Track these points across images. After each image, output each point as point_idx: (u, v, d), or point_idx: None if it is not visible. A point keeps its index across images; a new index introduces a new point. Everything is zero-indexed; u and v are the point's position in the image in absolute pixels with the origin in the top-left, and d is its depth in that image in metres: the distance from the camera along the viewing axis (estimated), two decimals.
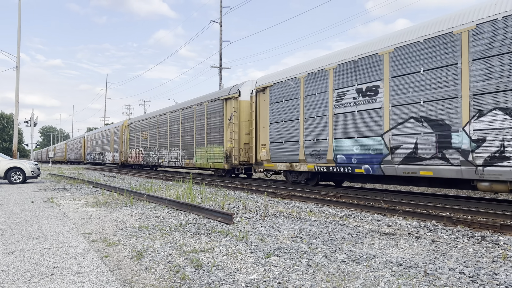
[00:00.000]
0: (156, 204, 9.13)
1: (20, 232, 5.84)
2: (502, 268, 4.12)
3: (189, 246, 4.98)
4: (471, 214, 7.66)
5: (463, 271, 3.93)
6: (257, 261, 4.30)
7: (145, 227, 6.16)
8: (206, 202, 9.24)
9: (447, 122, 8.59)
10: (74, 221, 6.81)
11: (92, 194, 11.55)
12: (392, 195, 10.59)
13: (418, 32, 9.32)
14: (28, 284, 3.50)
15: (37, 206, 8.72)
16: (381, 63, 10.05)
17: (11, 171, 16.39)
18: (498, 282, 3.60)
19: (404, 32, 9.70)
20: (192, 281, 3.60)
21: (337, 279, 3.71)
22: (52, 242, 5.16)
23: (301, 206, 9.01)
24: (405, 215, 7.61)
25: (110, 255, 4.54)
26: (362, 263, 4.25)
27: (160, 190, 12.26)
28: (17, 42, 24.07)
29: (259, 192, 11.95)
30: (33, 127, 36.48)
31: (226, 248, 4.83)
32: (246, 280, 3.64)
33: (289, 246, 4.94)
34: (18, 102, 24.57)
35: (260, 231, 5.93)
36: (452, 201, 9.15)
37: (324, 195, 10.85)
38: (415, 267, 4.08)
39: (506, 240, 5.44)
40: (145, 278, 3.71)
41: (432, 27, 9.02)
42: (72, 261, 4.24)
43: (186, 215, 7.51)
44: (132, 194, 10.66)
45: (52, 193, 11.80)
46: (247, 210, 8.14)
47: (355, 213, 7.89)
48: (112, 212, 7.91)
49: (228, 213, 6.69)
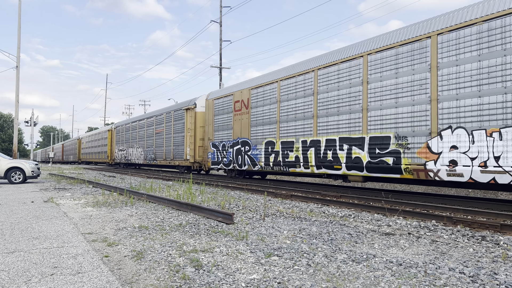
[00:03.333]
0: (156, 204, 9.13)
1: (20, 232, 5.84)
2: (502, 268, 4.12)
3: (189, 246, 4.98)
4: (471, 214, 7.66)
5: (463, 271, 3.93)
6: (257, 261, 4.30)
7: (145, 227, 6.16)
8: (206, 202, 9.24)
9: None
10: (74, 221, 6.81)
11: (92, 194, 11.55)
12: (392, 195, 10.59)
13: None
14: (28, 284, 3.50)
15: (37, 206, 8.72)
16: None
17: (11, 171, 16.39)
18: (498, 282, 3.60)
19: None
20: (192, 281, 3.60)
21: (337, 279, 3.71)
22: (52, 242, 5.16)
23: (301, 206, 9.01)
24: (405, 215, 7.61)
25: (110, 255, 4.54)
26: (362, 263, 4.25)
27: (160, 190, 12.27)
28: (17, 42, 24.09)
29: (259, 192, 11.95)
30: (33, 127, 36.47)
31: (226, 248, 4.83)
32: (246, 280, 3.64)
33: (289, 246, 4.94)
34: (18, 102, 24.58)
35: (260, 231, 5.94)
36: (452, 201, 9.15)
37: (324, 195, 10.86)
38: (415, 267, 4.08)
39: (506, 240, 5.44)
40: (145, 278, 3.71)
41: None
42: (72, 261, 4.24)
43: (186, 215, 7.51)
44: (132, 194, 10.67)
45: (52, 193, 11.81)
46: (247, 210, 8.14)
47: (355, 213, 7.89)
48: (112, 212, 7.91)
49: (228, 213, 6.69)
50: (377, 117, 9.90)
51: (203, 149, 19.63)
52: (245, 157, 15.40)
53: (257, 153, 14.63)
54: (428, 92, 8.71)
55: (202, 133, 20.03)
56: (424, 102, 8.79)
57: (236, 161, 16.05)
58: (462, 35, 8.16)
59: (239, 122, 16.07)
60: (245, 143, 15.57)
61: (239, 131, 16.01)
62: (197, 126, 20.33)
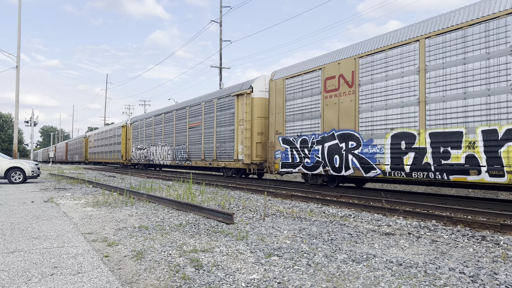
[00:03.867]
0: (156, 204, 9.13)
1: (20, 232, 5.84)
2: (502, 268, 4.12)
3: (189, 246, 4.98)
4: (471, 214, 7.66)
5: (463, 271, 3.93)
6: (257, 261, 4.30)
7: (145, 227, 6.16)
8: (206, 202, 9.24)
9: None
10: (74, 221, 6.81)
11: (92, 194, 11.55)
12: (392, 195, 10.59)
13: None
14: (28, 284, 3.50)
15: (37, 206, 8.72)
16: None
17: (11, 171, 16.40)
18: (498, 282, 3.60)
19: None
20: (192, 281, 3.60)
21: (337, 279, 3.72)
22: (52, 242, 5.16)
23: (301, 206, 9.01)
24: (405, 215, 7.61)
25: (110, 255, 4.55)
26: (362, 263, 4.25)
27: (160, 190, 12.27)
28: (17, 42, 24.10)
29: (259, 192, 11.95)
30: (33, 127, 36.48)
31: (226, 248, 4.83)
32: (246, 280, 3.64)
33: (289, 246, 4.94)
34: (18, 102, 24.59)
35: (260, 231, 5.94)
36: (452, 201, 9.15)
37: (324, 195, 10.85)
38: (415, 267, 4.08)
39: (506, 240, 5.44)
40: (145, 278, 3.71)
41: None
42: (72, 261, 4.24)
43: (186, 215, 7.51)
44: (132, 194, 10.67)
45: (52, 193, 11.81)
46: (247, 210, 8.14)
47: (355, 213, 7.89)
48: (112, 212, 7.91)
49: (228, 213, 6.69)
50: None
51: (264, 146, 15.53)
52: (349, 157, 10.89)
53: (374, 151, 10.13)
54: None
55: (261, 125, 15.73)
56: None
57: (330, 163, 11.44)
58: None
59: (334, 107, 11.41)
60: (347, 136, 11.01)
61: (335, 120, 11.40)
62: (254, 117, 15.80)
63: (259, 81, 16.03)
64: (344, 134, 11.05)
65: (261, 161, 15.64)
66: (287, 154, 13.33)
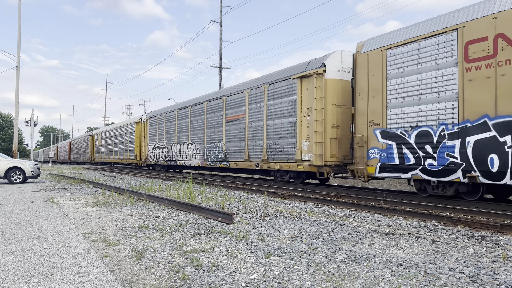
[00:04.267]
0: (156, 204, 9.13)
1: (20, 232, 5.84)
2: (502, 268, 4.12)
3: (189, 246, 4.98)
4: (471, 214, 7.67)
5: (463, 271, 3.93)
6: (257, 261, 4.30)
7: (145, 227, 6.16)
8: (206, 202, 9.24)
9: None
10: (74, 221, 6.81)
11: (92, 194, 11.55)
12: (392, 195, 10.59)
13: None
14: (28, 284, 3.50)
15: (37, 206, 8.72)
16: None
17: (11, 171, 16.40)
18: (498, 282, 3.60)
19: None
20: (192, 281, 3.60)
21: (337, 279, 3.72)
22: (52, 242, 5.16)
23: (301, 206, 9.01)
24: (405, 215, 7.61)
25: (110, 255, 4.55)
26: (362, 263, 4.25)
27: (160, 190, 12.27)
28: (17, 42, 24.10)
29: (259, 192, 11.95)
30: (33, 127, 36.49)
31: (226, 248, 4.83)
32: (246, 280, 3.64)
33: (289, 246, 4.94)
34: (18, 102, 24.60)
35: (260, 231, 5.94)
36: (452, 201, 9.15)
37: (324, 195, 10.85)
38: (415, 267, 4.08)
39: (506, 240, 5.44)
40: (145, 278, 3.71)
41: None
42: (72, 261, 4.24)
43: (186, 215, 7.51)
44: (132, 194, 10.67)
45: (52, 193, 11.81)
46: (247, 210, 8.14)
47: (355, 213, 7.89)
48: (112, 212, 7.91)
49: (228, 213, 6.69)
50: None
51: (339, 143, 12.26)
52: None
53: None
54: None
55: (336, 115, 12.27)
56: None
57: (479, 166, 7.98)
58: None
59: (487, 82, 7.89)
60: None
61: (488, 102, 7.88)
62: (327, 104, 12.20)
63: (334, 57, 12.40)
64: (509, 122, 7.56)
65: (337, 162, 12.22)
66: (390, 153, 9.82)
